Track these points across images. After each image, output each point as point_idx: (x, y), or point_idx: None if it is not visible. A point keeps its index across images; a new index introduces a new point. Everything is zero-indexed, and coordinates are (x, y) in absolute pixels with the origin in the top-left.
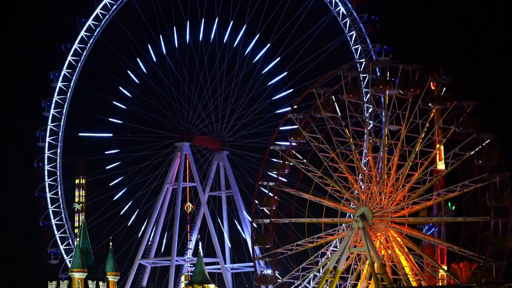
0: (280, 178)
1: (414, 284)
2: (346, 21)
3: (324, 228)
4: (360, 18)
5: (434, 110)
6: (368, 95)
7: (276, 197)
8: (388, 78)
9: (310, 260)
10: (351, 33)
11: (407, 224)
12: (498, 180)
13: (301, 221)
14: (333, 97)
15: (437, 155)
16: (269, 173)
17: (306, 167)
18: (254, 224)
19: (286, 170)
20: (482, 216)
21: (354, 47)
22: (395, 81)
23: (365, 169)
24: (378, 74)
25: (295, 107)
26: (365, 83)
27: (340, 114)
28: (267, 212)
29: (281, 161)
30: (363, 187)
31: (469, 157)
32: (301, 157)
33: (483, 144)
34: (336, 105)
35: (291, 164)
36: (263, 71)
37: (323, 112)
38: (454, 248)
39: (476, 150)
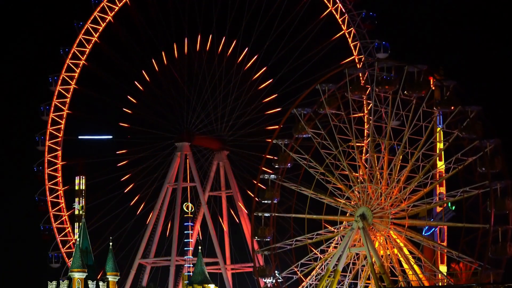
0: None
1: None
2: (344, 18)
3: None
4: (358, 14)
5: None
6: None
7: (271, 227)
8: (363, 84)
9: (315, 275)
10: (349, 30)
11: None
12: (490, 146)
13: (302, 244)
14: (312, 114)
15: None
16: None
17: (299, 188)
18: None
19: (276, 199)
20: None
21: (352, 44)
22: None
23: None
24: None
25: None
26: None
27: (323, 131)
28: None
29: (271, 190)
30: (357, 191)
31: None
32: (292, 182)
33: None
34: (317, 121)
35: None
36: (262, 70)
37: (307, 129)
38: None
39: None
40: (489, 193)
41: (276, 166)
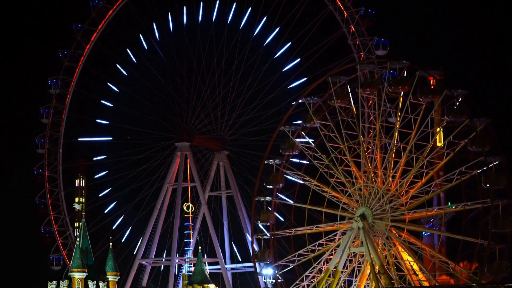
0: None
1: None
2: (343, 16)
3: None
4: (357, 12)
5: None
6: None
7: (270, 249)
8: (346, 92)
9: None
10: (348, 27)
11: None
12: (481, 126)
13: (306, 259)
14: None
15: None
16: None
17: (297, 201)
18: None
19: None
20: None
21: (351, 41)
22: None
23: (361, 169)
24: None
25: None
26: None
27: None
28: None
29: (269, 205)
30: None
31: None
32: (288, 198)
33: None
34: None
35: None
36: (261, 70)
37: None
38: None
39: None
40: (485, 172)
41: (269, 187)
